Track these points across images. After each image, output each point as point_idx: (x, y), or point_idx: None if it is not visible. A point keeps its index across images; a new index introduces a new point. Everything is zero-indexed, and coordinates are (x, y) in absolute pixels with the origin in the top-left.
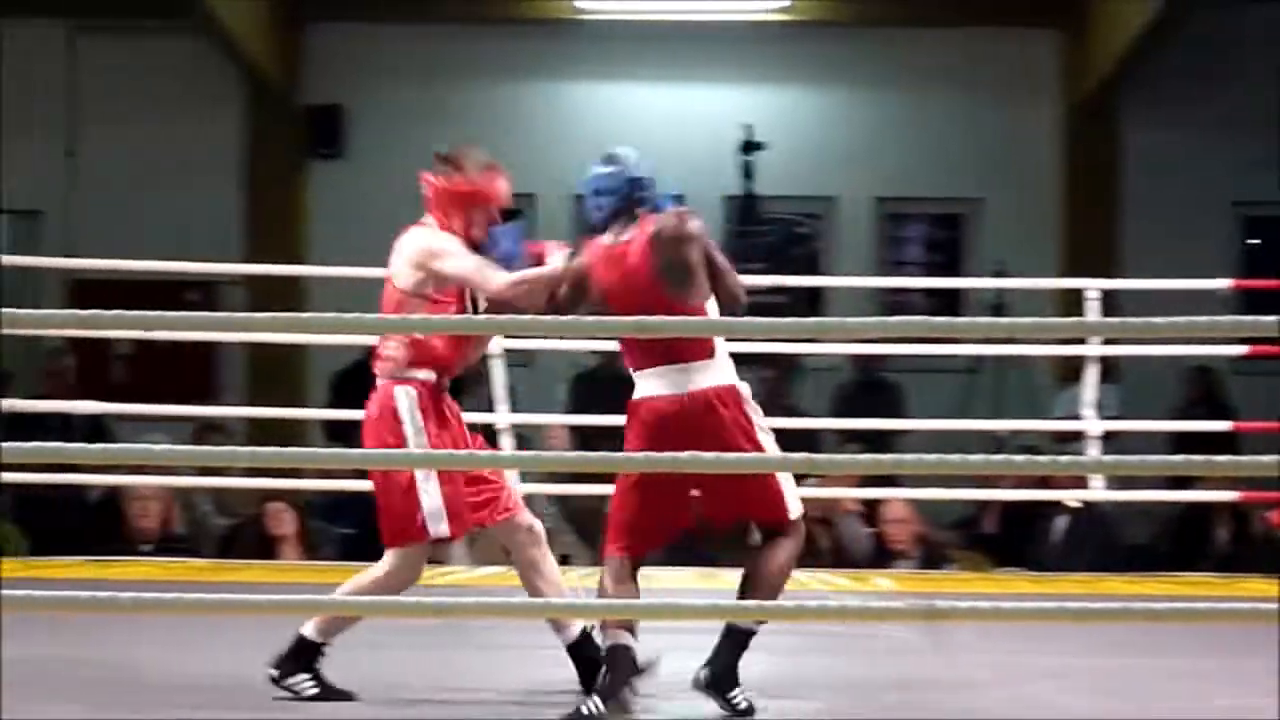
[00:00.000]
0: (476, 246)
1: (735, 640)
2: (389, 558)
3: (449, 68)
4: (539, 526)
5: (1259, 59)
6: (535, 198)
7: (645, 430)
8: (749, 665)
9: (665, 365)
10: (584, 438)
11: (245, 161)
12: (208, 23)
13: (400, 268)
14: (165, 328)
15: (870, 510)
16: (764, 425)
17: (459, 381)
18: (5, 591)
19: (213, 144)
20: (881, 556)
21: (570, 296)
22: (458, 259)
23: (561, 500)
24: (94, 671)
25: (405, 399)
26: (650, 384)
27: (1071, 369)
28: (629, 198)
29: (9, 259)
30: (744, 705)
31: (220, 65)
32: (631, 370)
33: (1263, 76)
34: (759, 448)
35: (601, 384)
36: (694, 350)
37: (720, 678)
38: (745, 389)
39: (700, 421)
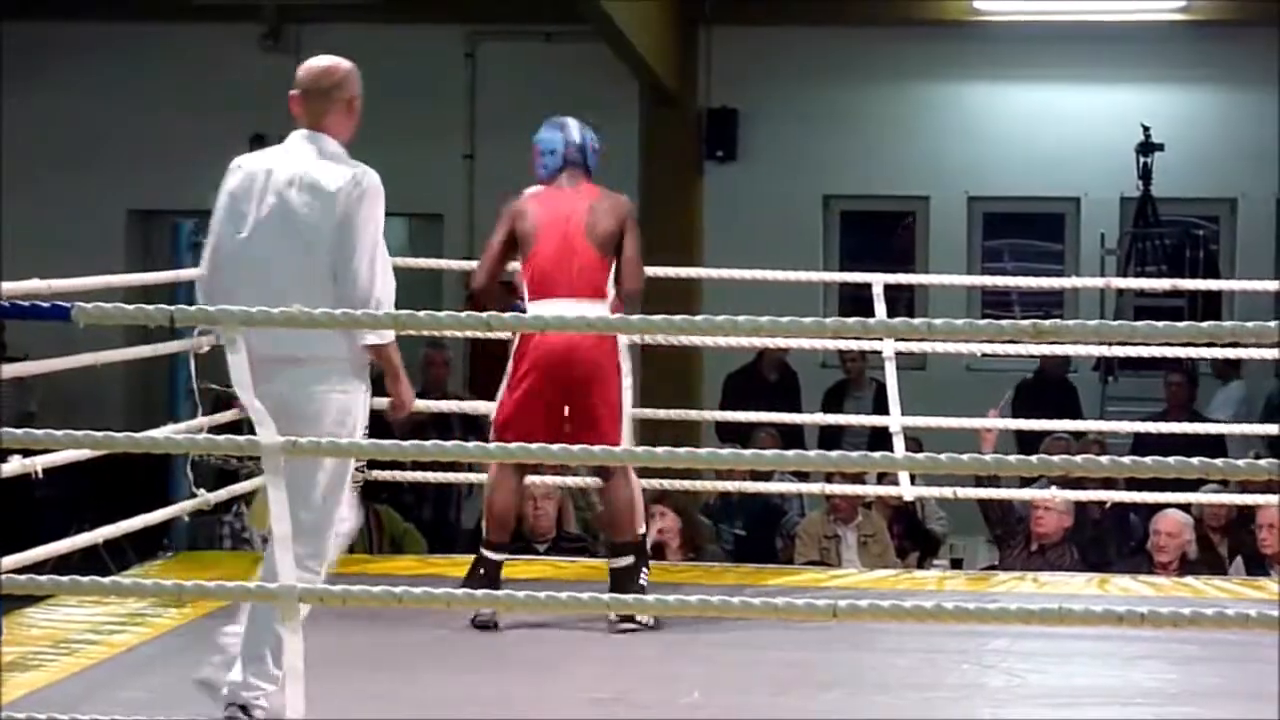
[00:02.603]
0: None
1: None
2: None
3: (843, 70)
4: None
5: None
6: (929, 200)
7: (538, 355)
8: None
9: (567, 298)
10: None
11: (641, 164)
12: (604, 27)
13: None
14: (559, 328)
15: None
16: (628, 369)
17: None
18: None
19: (609, 147)
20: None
21: (504, 236)
22: None
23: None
24: None
25: None
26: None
27: None
28: (567, 157)
29: (410, 260)
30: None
31: (616, 69)
32: (528, 300)
33: None
34: (619, 387)
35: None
36: (595, 291)
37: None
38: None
39: (588, 352)
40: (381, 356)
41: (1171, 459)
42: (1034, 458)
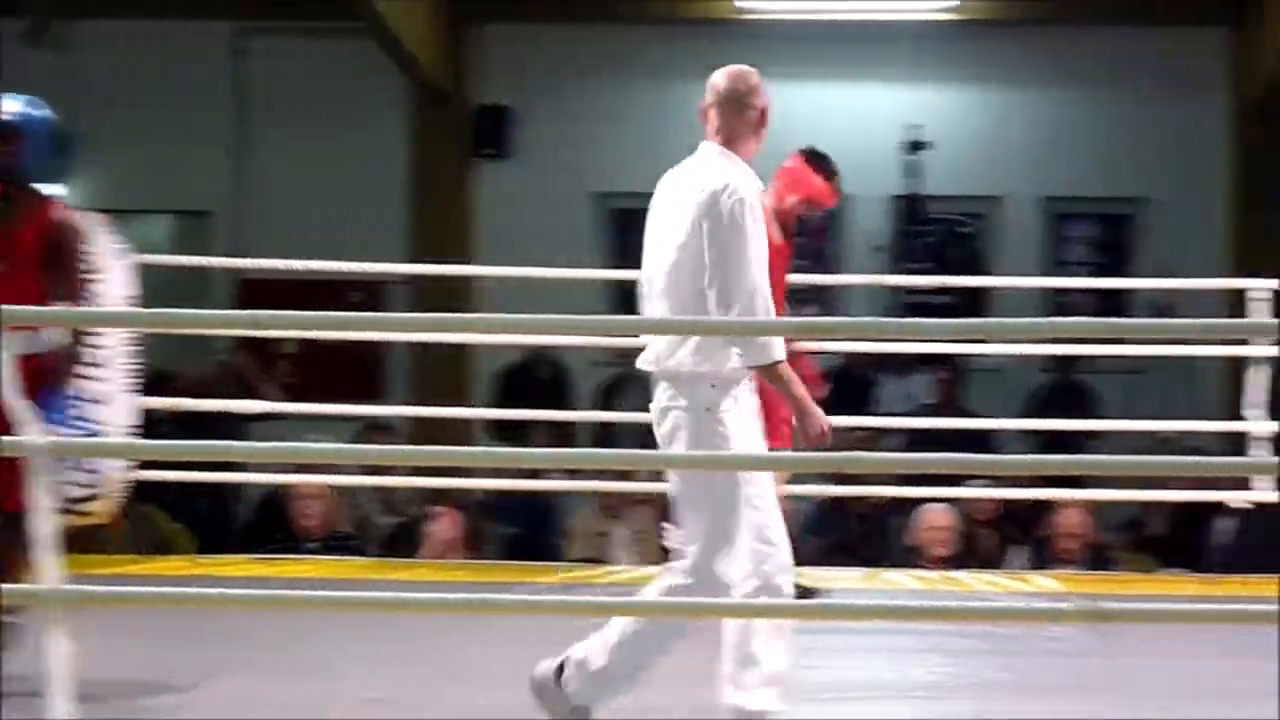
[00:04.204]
0: None
1: None
2: None
3: (613, 68)
4: None
5: None
6: None
7: None
8: (917, 668)
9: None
10: None
11: (411, 162)
12: (374, 24)
13: None
14: (330, 328)
15: (1035, 514)
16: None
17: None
18: (174, 590)
19: (379, 144)
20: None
21: None
22: None
23: None
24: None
25: None
26: None
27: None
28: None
29: (176, 259)
30: None
31: (386, 66)
32: None
33: None
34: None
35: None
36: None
37: None
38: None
39: None
40: None
41: (934, 455)
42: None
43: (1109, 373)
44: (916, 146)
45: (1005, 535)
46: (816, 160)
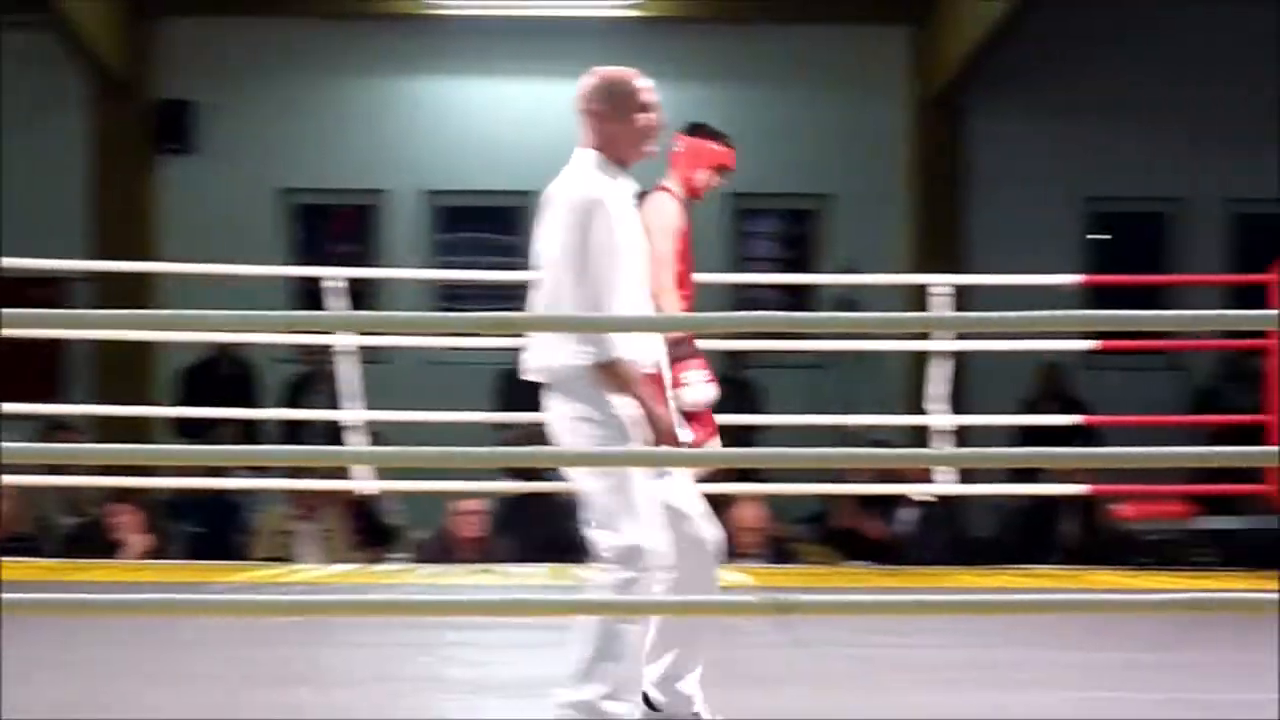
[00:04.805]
0: None
1: None
2: None
3: (300, 63)
4: None
5: (1107, 55)
6: (387, 194)
7: None
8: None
9: None
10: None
11: (92, 157)
12: (54, 18)
13: None
14: (13, 326)
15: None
16: None
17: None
18: None
19: (59, 139)
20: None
21: None
22: None
23: None
24: None
25: None
26: None
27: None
28: None
29: None
30: None
31: (66, 60)
32: None
33: (1110, 72)
34: None
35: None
36: None
37: None
38: None
39: None
40: None
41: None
42: (490, 449)
43: (793, 368)
44: None
45: None
46: (700, 131)
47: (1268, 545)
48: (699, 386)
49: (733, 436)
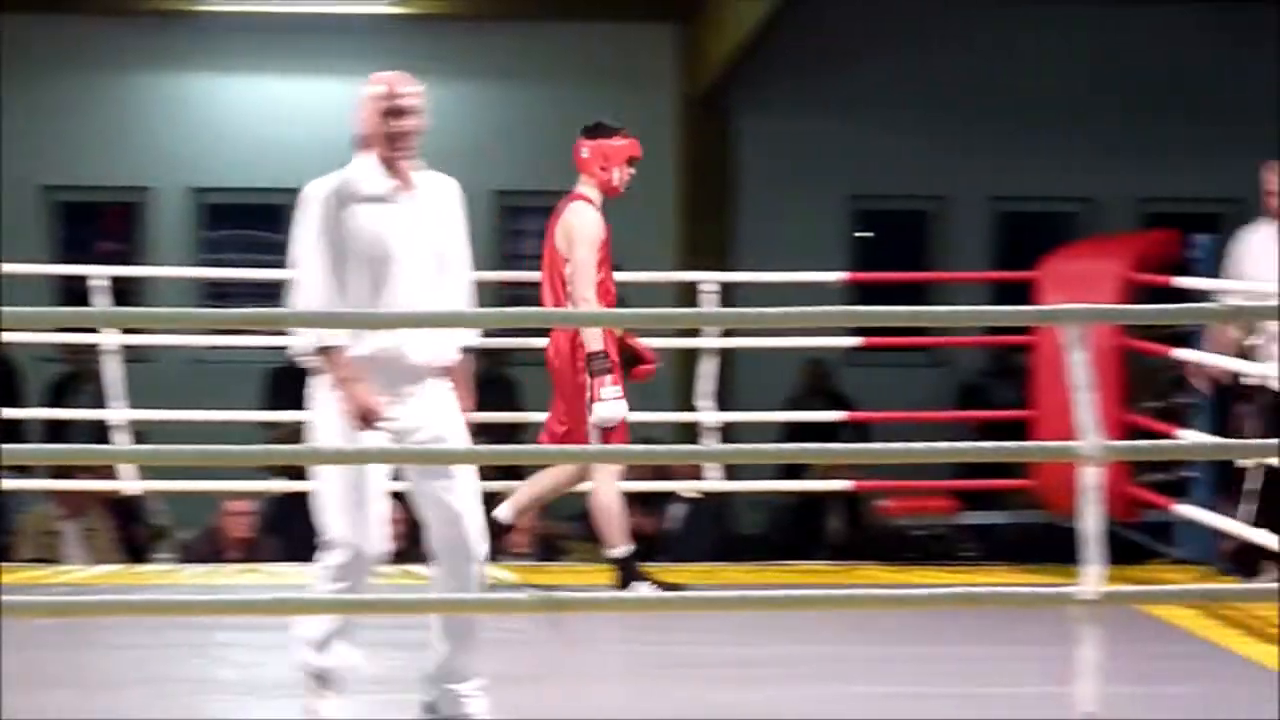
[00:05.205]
0: None
1: None
2: None
3: (64, 59)
4: None
5: (872, 53)
6: (152, 190)
7: None
8: (370, 663)
9: None
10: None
11: None
12: None
13: None
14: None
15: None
16: None
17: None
18: None
19: None
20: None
21: None
22: None
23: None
24: None
25: None
26: None
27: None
28: None
29: None
30: None
31: None
32: None
33: (877, 71)
34: None
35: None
36: None
37: None
38: None
39: None
40: None
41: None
42: (263, 447)
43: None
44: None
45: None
46: (600, 131)
47: (1030, 540)
48: (612, 403)
49: (496, 434)
